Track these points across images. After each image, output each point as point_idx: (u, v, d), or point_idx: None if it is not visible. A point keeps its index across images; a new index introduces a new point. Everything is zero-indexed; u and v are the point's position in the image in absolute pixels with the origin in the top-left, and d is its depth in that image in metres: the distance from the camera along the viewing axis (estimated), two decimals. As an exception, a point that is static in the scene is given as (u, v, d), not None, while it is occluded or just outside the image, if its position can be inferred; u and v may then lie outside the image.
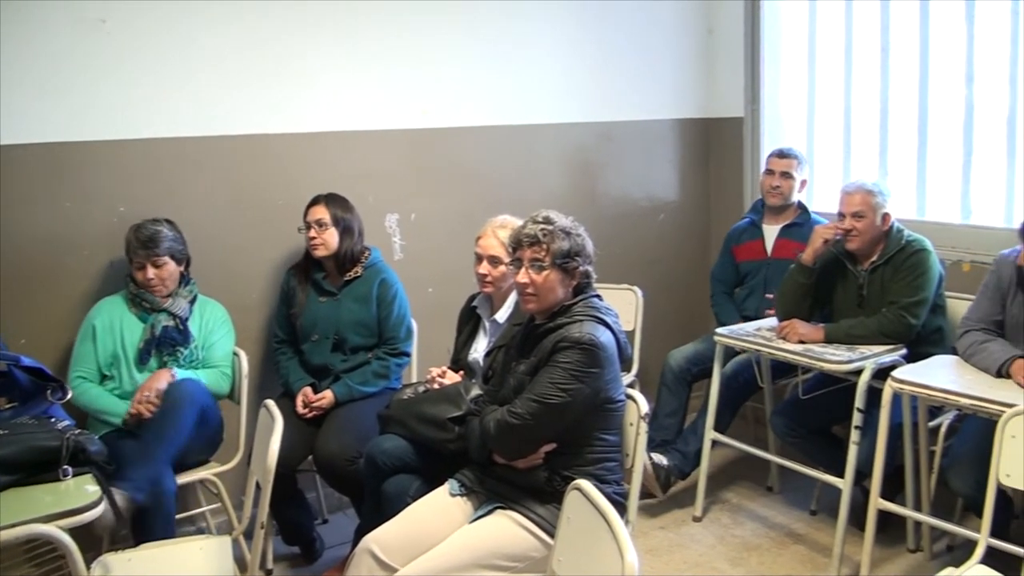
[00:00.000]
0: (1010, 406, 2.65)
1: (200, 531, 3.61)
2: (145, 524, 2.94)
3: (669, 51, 4.90)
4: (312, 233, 3.55)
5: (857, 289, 3.67)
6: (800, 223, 4.24)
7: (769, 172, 4.31)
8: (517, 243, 2.70)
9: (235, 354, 3.52)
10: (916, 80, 4.27)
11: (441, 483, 2.82)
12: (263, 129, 3.73)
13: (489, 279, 3.21)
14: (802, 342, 3.54)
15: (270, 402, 2.79)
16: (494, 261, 3.19)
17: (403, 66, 4.02)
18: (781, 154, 4.31)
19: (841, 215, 3.63)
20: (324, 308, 3.59)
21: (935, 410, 3.46)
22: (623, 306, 4.25)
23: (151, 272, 3.30)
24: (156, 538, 2.88)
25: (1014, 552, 2.68)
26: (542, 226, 2.66)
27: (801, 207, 4.32)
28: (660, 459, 3.98)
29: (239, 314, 3.61)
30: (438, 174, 4.20)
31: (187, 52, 3.54)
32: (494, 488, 2.72)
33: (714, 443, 3.92)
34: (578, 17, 4.52)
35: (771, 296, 4.03)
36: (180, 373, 3.29)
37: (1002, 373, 3.07)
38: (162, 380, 3.23)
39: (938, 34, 4.16)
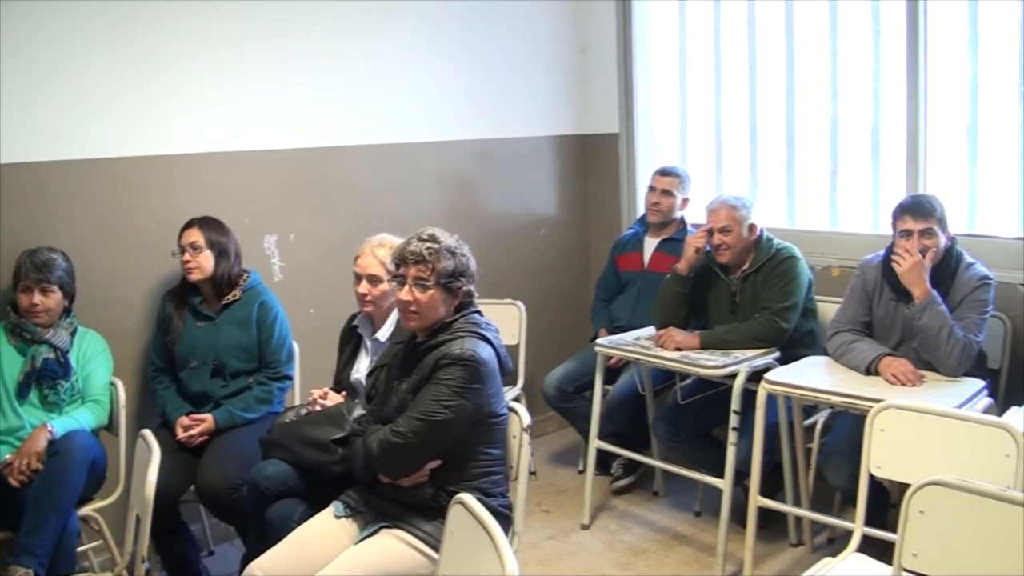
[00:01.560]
0: (878, 401, 2.76)
1: (83, 570, 3.47)
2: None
3: (544, 69, 4.98)
4: (186, 257, 3.47)
5: (730, 296, 3.78)
6: (678, 238, 4.32)
7: (651, 189, 4.41)
8: (401, 260, 2.68)
9: (112, 384, 3.40)
10: (783, 96, 4.44)
11: (326, 506, 2.78)
12: (133, 151, 3.62)
13: (369, 298, 3.19)
14: (679, 349, 3.64)
15: (147, 432, 2.71)
16: (373, 280, 3.17)
17: (276, 85, 3.97)
18: (663, 172, 4.41)
19: (710, 231, 3.74)
20: (202, 333, 3.51)
21: (809, 409, 3.60)
22: (507, 320, 4.30)
23: (37, 298, 3.18)
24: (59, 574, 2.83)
25: (888, 539, 2.78)
26: (428, 244, 2.65)
27: (684, 224, 4.42)
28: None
29: (115, 342, 3.49)
30: (316, 194, 4.16)
31: (52, 73, 3.40)
32: (379, 507, 2.70)
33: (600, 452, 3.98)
34: (454, 36, 4.56)
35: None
36: (58, 425, 3.13)
37: (871, 371, 3.21)
38: (40, 441, 3.06)
39: (803, 52, 4.34)
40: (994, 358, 3.55)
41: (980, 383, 3.10)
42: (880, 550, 2.64)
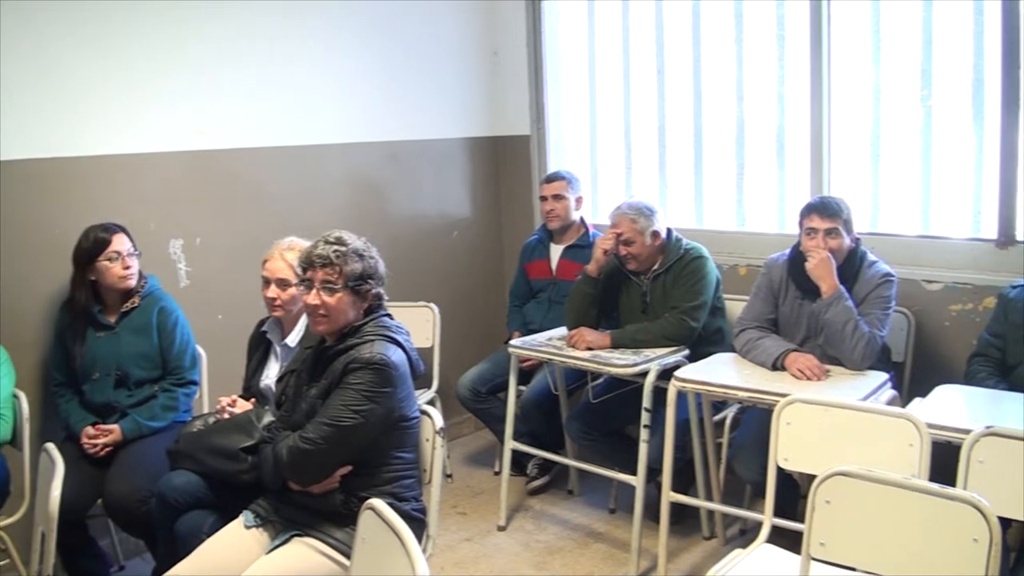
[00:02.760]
0: (784, 396, 2.82)
1: (-9, 589, 3.35)
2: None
3: (455, 71, 4.97)
4: (127, 263, 3.39)
5: (641, 296, 3.83)
6: (582, 245, 4.38)
7: (542, 198, 4.43)
8: (309, 263, 2.64)
9: (15, 396, 3.28)
10: (691, 98, 4.51)
11: (236, 516, 2.72)
12: (31, 154, 3.50)
13: (278, 303, 3.15)
14: (590, 349, 3.66)
15: (50, 446, 2.63)
16: (282, 284, 3.13)
17: (177, 85, 3.87)
18: (549, 179, 4.45)
19: (618, 235, 3.79)
20: (102, 343, 3.41)
21: (719, 405, 3.66)
22: (420, 323, 4.28)
23: None
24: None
25: (797, 529, 2.84)
26: (335, 247, 2.62)
27: (585, 227, 4.45)
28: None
29: (16, 353, 3.36)
30: (223, 197, 4.07)
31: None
32: (290, 516, 2.66)
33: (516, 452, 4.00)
34: (361, 38, 4.51)
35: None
36: None
37: (777, 366, 3.28)
38: None
39: (709, 55, 4.41)
40: (898, 352, 3.67)
41: (884, 376, 3.19)
42: (791, 540, 2.69)
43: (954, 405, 2.92)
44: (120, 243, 3.40)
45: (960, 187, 3.74)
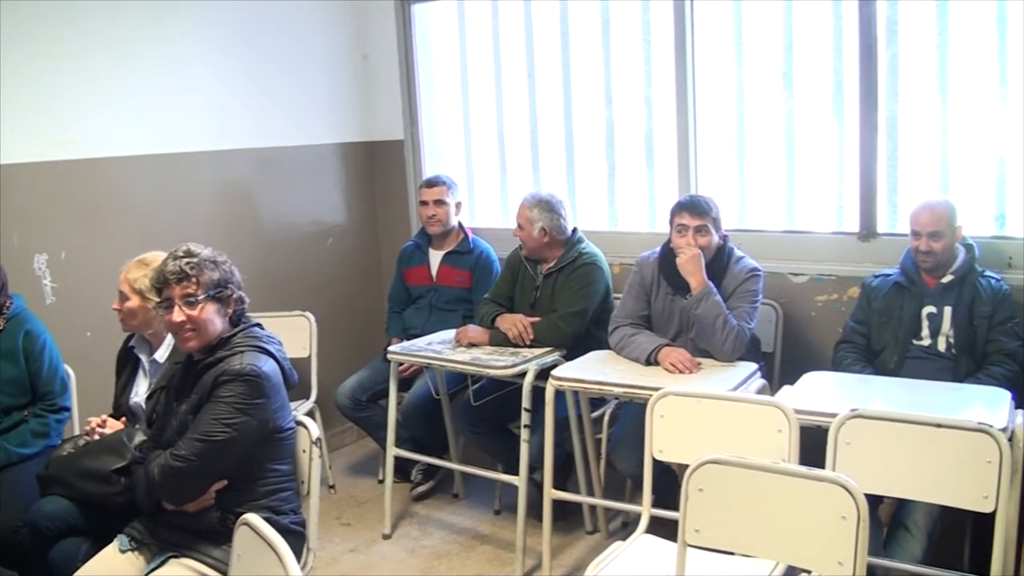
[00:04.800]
0: (658, 389, 2.88)
1: None
2: None
3: (325, 76, 4.91)
4: None
5: (533, 290, 3.87)
6: (462, 251, 4.36)
7: (423, 203, 4.39)
8: (163, 282, 2.57)
9: None
10: (561, 102, 4.56)
11: (112, 541, 2.64)
12: None
13: (121, 315, 3.07)
14: (472, 345, 3.69)
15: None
16: (121, 296, 3.04)
17: (40, 94, 3.72)
18: (429, 183, 4.40)
19: None
20: (-34, 371, 3.24)
21: (597, 401, 3.71)
22: (297, 332, 4.22)
23: None
24: None
25: (675, 518, 2.90)
26: (186, 260, 2.56)
27: (464, 232, 4.43)
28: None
29: None
30: (89, 208, 3.93)
31: None
32: (165, 537, 2.59)
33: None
34: (228, 44, 4.41)
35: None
36: None
37: (651, 361, 3.36)
38: None
39: (578, 59, 4.48)
40: (768, 342, 3.79)
41: (753, 366, 3.30)
42: (672, 530, 2.74)
43: (822, 390, 3.04)
44: None
45: (823, 184, 3.89)
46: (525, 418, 3.45)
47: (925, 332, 3.26)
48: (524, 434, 3.47)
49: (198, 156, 4.33)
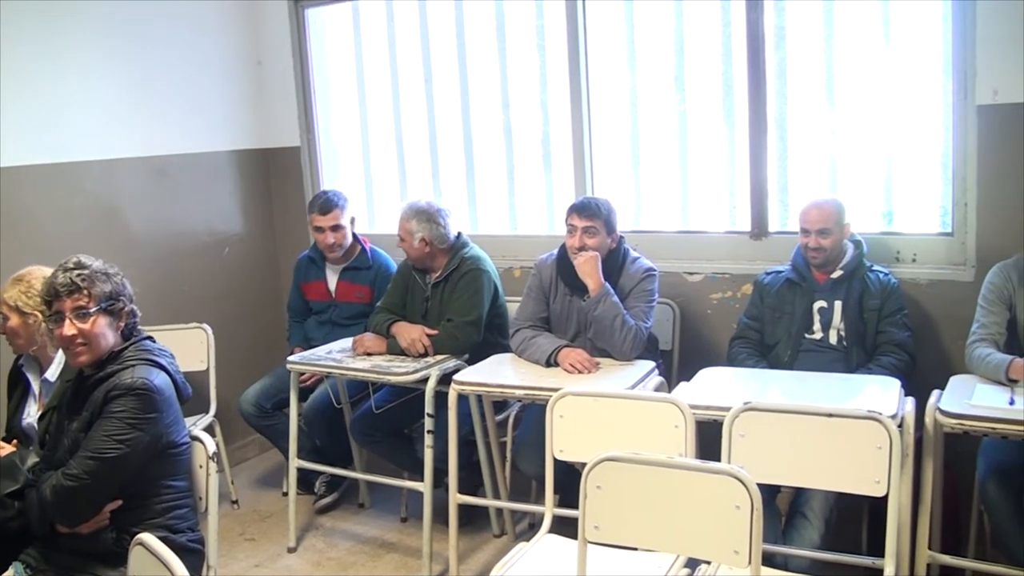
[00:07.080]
0: (557, 390, 2.91)
1: None
2: None
3: (218, 83, 4.81)
4: None
5: (423, 300, 3.86)
6: (360, 267, 4.28)
7: (319, 229, 4.21)
8: (53, 295, 2.49)
9: None
10: (459, 107, 4.58)
11: (7, 568, 2.54)
12: None
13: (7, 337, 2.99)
14: (368, 354, 3.67)
15: None
16: (3, 317, 2.96)
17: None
18: (323, 210, 4.19)
19: None
20: None
21: (501, 405, 3.73)
22: (193, 345, 4.13)
23: None
24: None
25: (577, 516, 2.94)
26: (77, 272, 2.50)
27: (360, 244, 4.33)
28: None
29: None
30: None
31: None
32: (61, 562, 2.51)
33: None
34: (117, 49, 4.28)
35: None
36: None
37: (551, 362, 3.39)
38: None
39: (475, 65, 4.50)
40: (665, 340, 3.86)
41: (650, 364, 3.36)
42: (575, 528, 2.78)
43: (717, 386, 3.12)
44: None
45: (715, 184, 3.99)
46: (428, 423, 3.45)
47: (817, 326, 3.37)
48: (428, 440, 3.46)
49: (88, 165, 4.20)
